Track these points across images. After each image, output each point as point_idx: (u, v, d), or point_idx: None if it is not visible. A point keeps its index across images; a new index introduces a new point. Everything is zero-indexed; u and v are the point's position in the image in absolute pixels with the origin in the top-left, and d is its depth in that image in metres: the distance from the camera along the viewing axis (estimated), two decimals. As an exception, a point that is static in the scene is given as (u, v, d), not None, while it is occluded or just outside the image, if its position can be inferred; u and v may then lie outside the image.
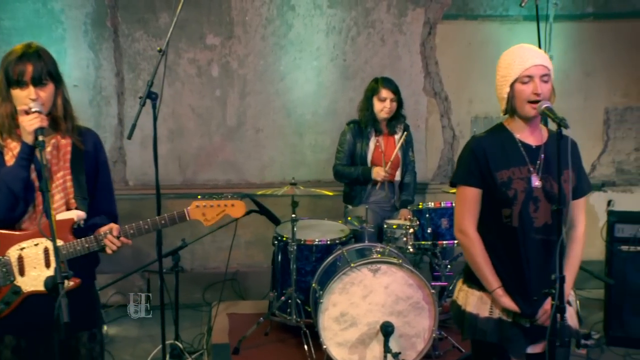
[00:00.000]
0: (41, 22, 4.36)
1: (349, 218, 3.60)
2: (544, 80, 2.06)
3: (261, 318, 3.44)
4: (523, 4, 3.98)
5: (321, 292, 2.95)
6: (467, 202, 2.12)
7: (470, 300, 2.15)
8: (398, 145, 3.83)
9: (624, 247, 3.70)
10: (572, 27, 4.88)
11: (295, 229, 3.29)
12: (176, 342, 3.36)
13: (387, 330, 2.81)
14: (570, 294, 2.15)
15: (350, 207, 3.84)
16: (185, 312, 4.28)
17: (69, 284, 2.06)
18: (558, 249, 1.89)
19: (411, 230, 3.21)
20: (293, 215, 3.30)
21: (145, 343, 3.85)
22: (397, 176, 3.92)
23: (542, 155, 2.08)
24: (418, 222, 3.22)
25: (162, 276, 2.99)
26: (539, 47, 4.04)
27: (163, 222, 2.16)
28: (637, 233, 3.69)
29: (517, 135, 2.11)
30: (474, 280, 2.16)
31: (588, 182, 2.23)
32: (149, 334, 3.94)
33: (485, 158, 2.09)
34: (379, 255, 3.03)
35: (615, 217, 3.78)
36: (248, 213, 3.75)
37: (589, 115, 5.00)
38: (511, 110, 2.11)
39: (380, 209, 3.83)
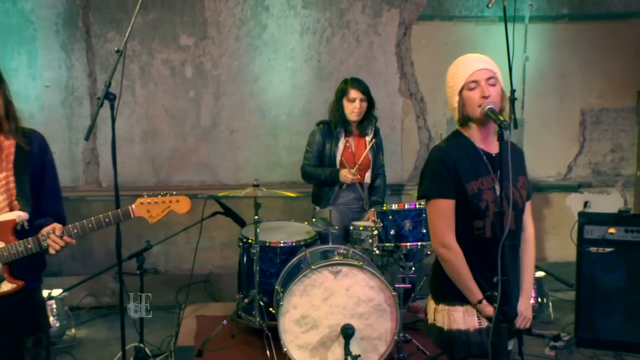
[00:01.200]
0: (11, 22, 4.33)
1: (314, 220, 3.58)
2: (490, 84, 2.04)
3: (224, 321, 3.42)
4: (490, 5, 3.96)
5: (281, 294, 2.92)
6: (445, 215, 2.05)
7: (454, 317, 2.08)
8: (368, 147, 3.82)
9: (593, 249, 3.69)
10: (547, 28, 4.88)
11: (258, 230, 3.27)
12: (140, 345, 3.33)
13: (347, 332, 2.79)
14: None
15: (318, 208, 3.82)
16: (158, 313, 4.24)
17: (11, 286, 2.04)
18: (500, 251, 1.88)
19: (375, 232, 3.19)
20: (256, 217, 3.28)
21: (114, 345, 3.81)
22: (367, 178, 3.90)
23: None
24: (382, 224, 3.20)
25: (121, 278, 2.97)
26: (508, 48, 4.02)
27: (107, 220, 2.14)
28: (605, 234, 3.68)
29: (477, 144, 2.09)
30: (450, 297, 2.10)
31: (531, 186, 2.23)
32: (117, 337, 3.90)
33: (456, 169, 2.04)
34: (341, 258, 3.01)
35: (585, 219, 3.77)
36: (213, 215, 3.77)
37: (565, 117, 5.00)
38: (464, 118, 2.09)
39: (349, 210, 3.81)
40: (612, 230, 3.68)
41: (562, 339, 3.79)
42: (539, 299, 4.25)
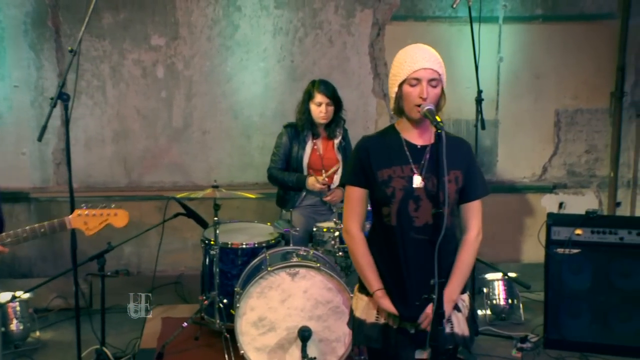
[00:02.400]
0: (-22, 22, 4.31)
1: (276, 222, 3.56)
2: (432, 85, 2.03)
3: (185, 323, 3.40)
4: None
5: (238, 296, 2.91)
6: (352, 202, 2.11)
7: (359, 305, 2.14)
8: (339, 162, 3.77)
9: (560, 250, 3.68)
10: (521, 29, 4.87)
11: (217, 232, 3.25)
12: (102, 348, 3.30)
13: (304, 335, 2.78)
14: (461, 299, 2.12)
15: (284, 211, 3.80)
16: (126, 315, 4.21)
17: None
18: (437, 252, 1.86)
19: (337, 233, 3.17)
20: (215, 219, 3.26)
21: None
22: (336, 181, 3.87)
23: (427, 156, 2.05)
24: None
25: (76, 280, 2.94)
26: (474, 48, 4.03)
27: (42, 230, 2.12)
28: (572, 236, 3.67)
29: (404, 135, 2.09)
30: (362, 285, 2.15)
31: (484, 186, 2.19)
32: (84, 339, 3.88)
33: (368, 157, 2.08)
34: (300, 259, 2.99)
35: (552, 220, 3.76)
36: (175, 216, 3.75)
37: (540, 118, 4.99)
38: (399, 110, 2.09)
39: (315, 212, 3.79)
40: (578, 231, 3.68)
41: (529, 340, 3.79)
42: (509, 300, 4.25)
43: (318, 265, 2.92)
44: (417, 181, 2.01)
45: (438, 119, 1.94)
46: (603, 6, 4.83)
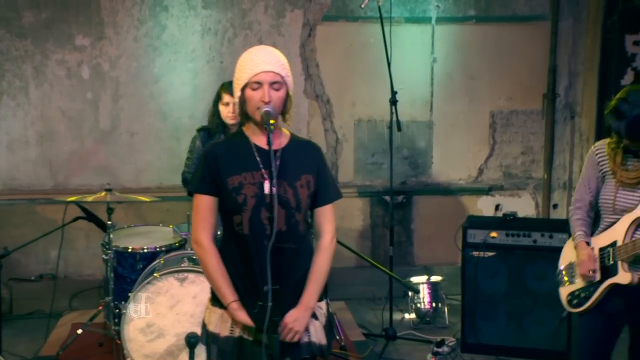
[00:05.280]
0: None
1: (171, 226, 3.50)
2: (274, 88, 1.97)
3: (80, 329, 3.33)
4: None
5: (124, 302, 2.84)
6: (200, 211, 2.03)
7: (212, 318, 2.06)
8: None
9: (475, 253, 3.64)
10: (454, 29, 4.84)
11: (111, 236, 3.19)
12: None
13: (190, 341, 2.69)
14: (318, 307, 2.06)
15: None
16: (43, 321, 4.10)
17: None
18: (268, 257, 1.81)
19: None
20: (109, 222, 3.19)
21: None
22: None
23: (278, 161, 1.99)
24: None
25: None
26: (385, 48, 3.98)
27: None
28: (487, 238, 3.63)
29: (253, 140, 2.03)
30: (215, 297, 2.08)
31: (336, 190, 2.14)
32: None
33: (217, 164, 2.00)
34: (191, 264, 2.93)
35: (468, 223, 3.73)
36: (75, 220, 3.67)
37: (475, 119, 4.96)
38: (243, 114, 2.03)
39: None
40: (494, 234, 3.65)
41: (447, 344, 3.75)
42: (434, 304, 4.21)
43: (207, 270, 2.85)
44: (268, 187, 1.95)
45: (272, 121, 1.88)
46: (535, 8, 4.81)
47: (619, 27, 4.49)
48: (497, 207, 5.08)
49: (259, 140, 2.00)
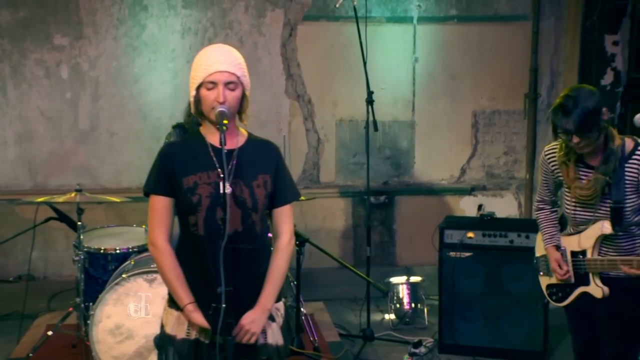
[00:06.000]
0: None
1: (143, 226, 3.48)
2: (229, 88, 1.95)
3: (50, 331, 3.30)
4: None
5: (91, 303, 2.82)
6: (157, 212, 2.01)
7: (169, 321, 2.04)
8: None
9: (452, 254, 3.63)
10: (436, 29, 4.83)
11: (82, 237, 3.16)
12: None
13: (157, 343, 2.69)
14: (275, 308, 2.04)
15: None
16: (22, 322, 4.08)
17: None
18: (221, 258, 1.79)
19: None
20: (79, 223, 3.17)
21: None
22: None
23: (234, 161, 1.97)
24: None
25: None
26: (361, 47, 3.96)
27: None
28: (463, 239, 3.62)
29: (209, 140, 2.01)
30: (171, 299, 2.05)
31: (294, 190, 2.13)
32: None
33: (172, 164, 1.98)
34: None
35: (445, 223, 3.71)
36: (46, 220, 3.64)
37: (457, 119, 4.95)
38: (199, 113, 2.01)
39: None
40: (470, 234, 3.63)
41: (424, 345, 3.73)
42: (413, 305, 4.19)
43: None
44: (224, 188, 1.92)
45: (225, 122, 1.86)
46: (517, 7, 4.81)
47: (599, 27, 4.49)
48: (479, 207, 5.04)
49: (214, 139, 1.98)
